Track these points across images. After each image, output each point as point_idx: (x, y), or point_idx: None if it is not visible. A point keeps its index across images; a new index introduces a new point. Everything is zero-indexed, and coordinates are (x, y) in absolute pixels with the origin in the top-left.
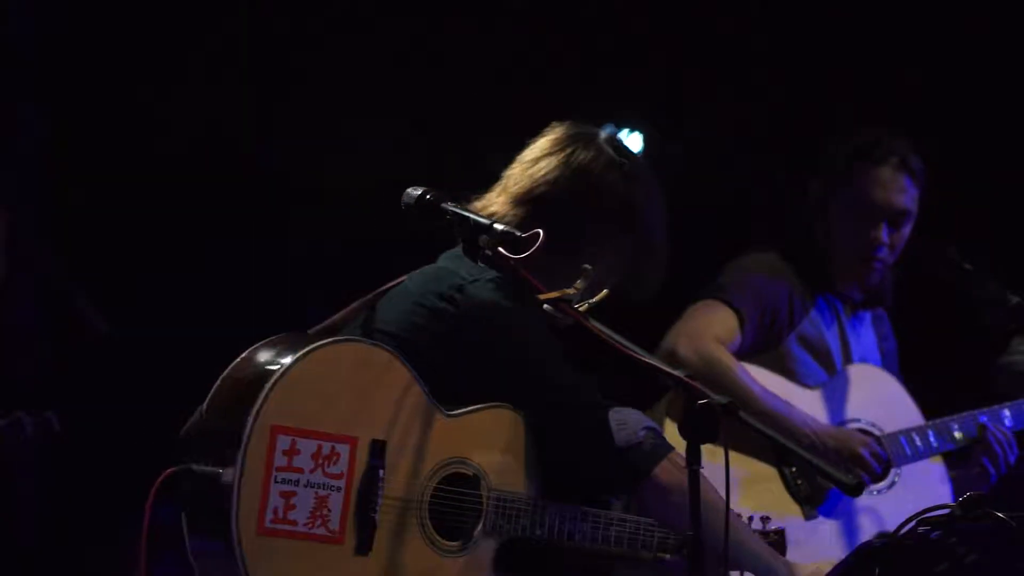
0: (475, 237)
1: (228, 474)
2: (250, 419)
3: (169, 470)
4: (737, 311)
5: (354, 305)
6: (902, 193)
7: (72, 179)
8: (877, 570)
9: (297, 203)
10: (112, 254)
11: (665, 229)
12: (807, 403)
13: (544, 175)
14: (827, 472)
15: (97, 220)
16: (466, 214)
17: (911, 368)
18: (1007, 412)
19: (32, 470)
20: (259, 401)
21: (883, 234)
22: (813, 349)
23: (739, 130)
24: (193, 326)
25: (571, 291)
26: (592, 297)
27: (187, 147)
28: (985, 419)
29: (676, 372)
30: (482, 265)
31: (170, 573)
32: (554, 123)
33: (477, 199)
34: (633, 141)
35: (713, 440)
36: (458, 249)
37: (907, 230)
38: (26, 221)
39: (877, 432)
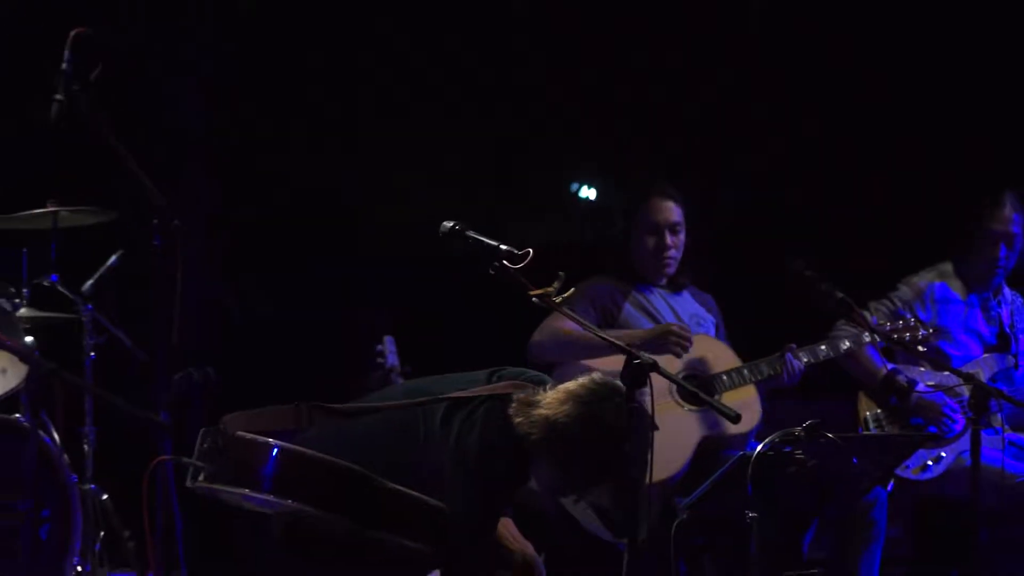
0: (488, 256)
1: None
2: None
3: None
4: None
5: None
6: (671, 212)
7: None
8: (749, 470)
9: (372, 232)
10: (253, 266)
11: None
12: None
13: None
14: (715, 404)
15: (244, 243)
16: (480, 239)
17: (771, 342)
18: (803, 355)
19: (200, 410)
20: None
21: (667, 240)
22: (649, 315)
23: None
24: (302, 313)
25: (551, 289)
26: (564, 294)
27: (296, 196)
28: (787, 355)
29: (620, 343)
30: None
31: None
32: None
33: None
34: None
35: (642, 385)
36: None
37: (683, 236)
38: (196, 237)
39: (701, 374)
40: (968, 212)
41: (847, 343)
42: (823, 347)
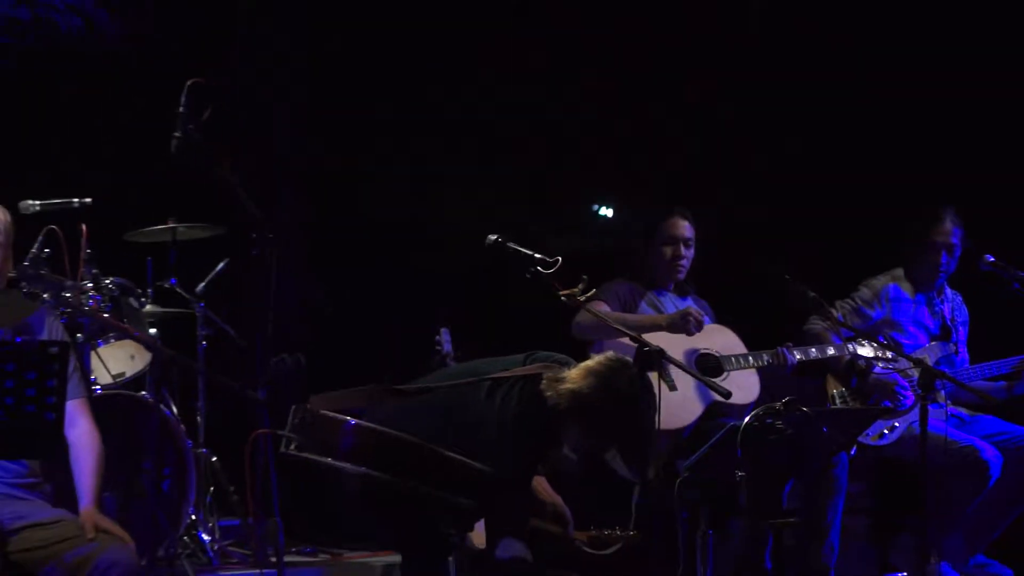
0: (525, 263)
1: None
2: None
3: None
4: (603, 301)
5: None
6: (685, 229)
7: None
8: (738, 438)
9: (431, 242)
10: (335, 270)
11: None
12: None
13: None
14: (710, 383)
15: (328, 250)
16: (519, 249)
17: (763, 337)
18: (796, 352)
19: (291, 389)
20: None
21: (681, 252)
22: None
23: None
24: (374, 309)
25: (576, 290)
26: (587, 293)
27: (371, 210)
28: (788, 355)
29: (631, 333)
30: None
31: None
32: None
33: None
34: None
35: (650, 368)
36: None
37: (692, 250)
38: (289, 246)
39: (715, 354)
40: (914, 226)
41: (831, 350)
42: (813, 349)
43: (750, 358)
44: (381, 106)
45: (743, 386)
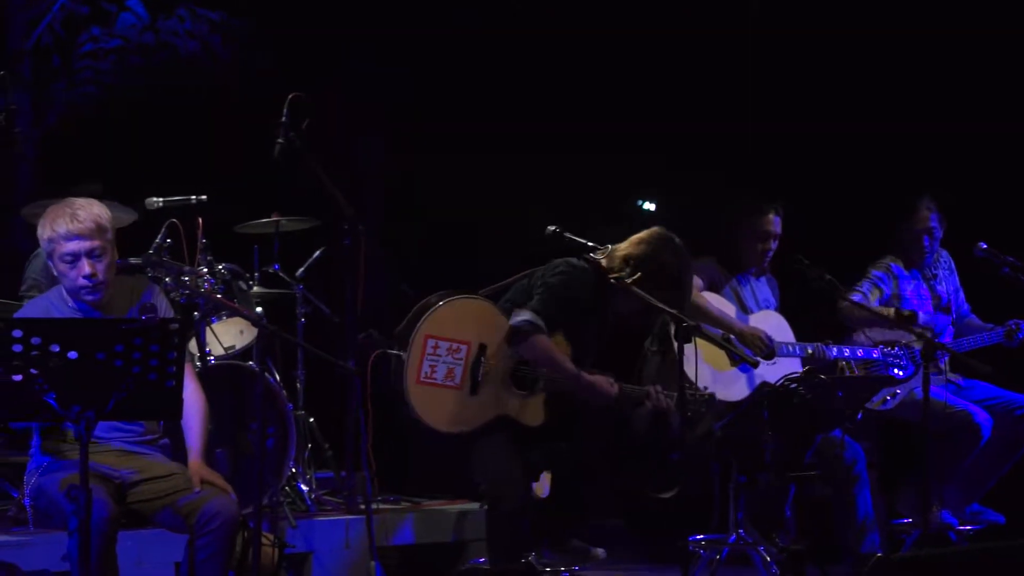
0: (579, 250)
1: (404, 355)
2: (416, 329)
3: (377, 351)
4: (697, 275)
5: (509, 280)
6: (776, 224)
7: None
8: (766, 401)
9: (495, 234)
10: (415, 257)
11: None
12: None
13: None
14: (737, 350)
15: (409, 241)
16: (574, 238)
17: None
18: (833, 349)
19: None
20: (420, 322)
21: (771, 244)
22: (739, 301)
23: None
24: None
25: (623, 273)
26: (633, 276)
27: (445, 204)
28: (827, 349)
29: (672, 311)
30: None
31: None
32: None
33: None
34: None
35: (689, 341)
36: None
37: (778, 241)
38: (375, 236)
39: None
40: (896, 218)
41: (860, 351)
42: (847, 350)
43: (797, 347)
44: (445, 114)
45: (787, 370)
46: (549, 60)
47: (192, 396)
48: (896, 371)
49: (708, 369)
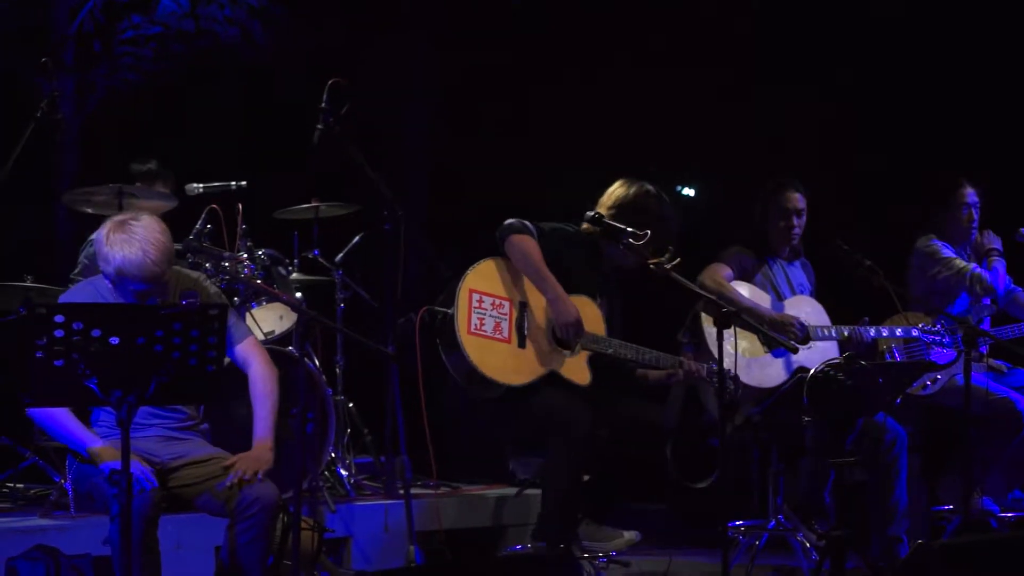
0: (619, 235)
1: (450, 311)
2: (460, 285)
3: (423, 308)
4: (727, 264)
5: None
6: (799, 201)
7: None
8: (805, 387)
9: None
10: (454, 244)
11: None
12: (772, 306)
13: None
14: (775, 337)
15: (448, 226)
16: (613, 223)
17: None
18: (871, 330)
19: (416, 347)
20: (464, 277)
21: (794, 222)
22: (772, 287)
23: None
24: None
25: (663, 259)
26: (672, 262)
27: (484, 188)
28: (864, 331)
29: (704, 292)
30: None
31: None
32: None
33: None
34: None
35: (728, 327)
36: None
37: (804, 218)
38: (416, 221)
39: (803, 322)
40: (937, 196)
41: (899, 331)
42: (885, 330)
43: (833, 330)
44: (490, 106)
45: (825, 355)
46: (592, 38)
47: (258, 370)
48: (939, 351)
49: (742, 356)
